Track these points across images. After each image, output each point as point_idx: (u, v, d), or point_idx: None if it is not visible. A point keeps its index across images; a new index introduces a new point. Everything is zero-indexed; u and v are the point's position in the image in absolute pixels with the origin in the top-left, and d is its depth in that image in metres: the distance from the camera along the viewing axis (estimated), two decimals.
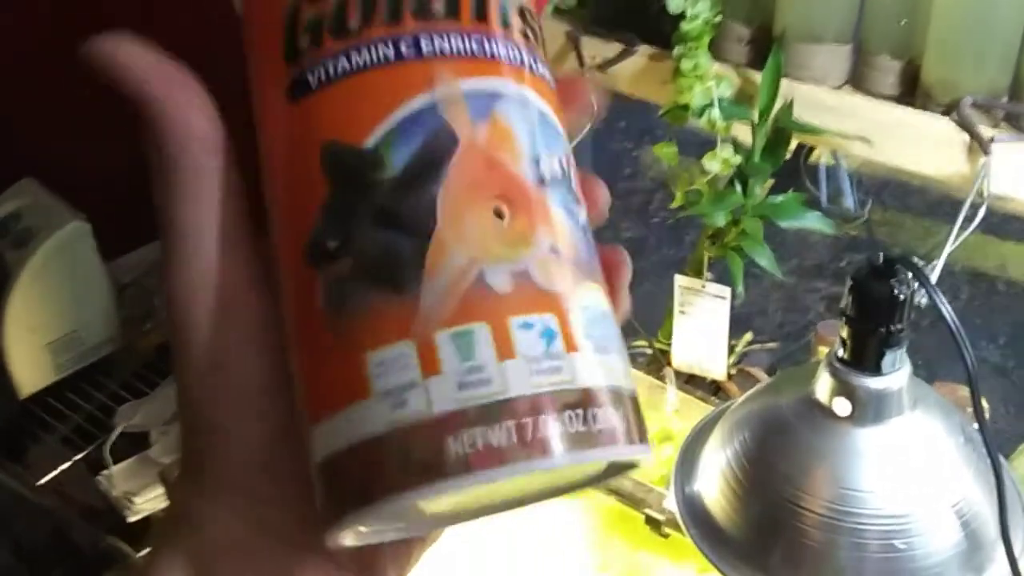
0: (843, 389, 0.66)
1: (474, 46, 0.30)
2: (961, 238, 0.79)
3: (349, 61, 0.29)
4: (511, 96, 0.30)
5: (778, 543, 0.66)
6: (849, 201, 1.77)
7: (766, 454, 0.68)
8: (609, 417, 0.28)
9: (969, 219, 0.79)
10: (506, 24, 0.31)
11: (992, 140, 0.80)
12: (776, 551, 0.66)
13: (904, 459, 0.66)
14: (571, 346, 0.28)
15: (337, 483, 0.28)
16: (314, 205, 0.29)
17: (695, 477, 0.73)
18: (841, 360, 0.66)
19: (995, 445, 0.65)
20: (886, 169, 0.88)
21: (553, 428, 0.27)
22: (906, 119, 0.85)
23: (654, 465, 0.96)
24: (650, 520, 0.92)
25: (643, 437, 0.29)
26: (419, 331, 0.27)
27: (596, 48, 0.98)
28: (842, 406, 0.66)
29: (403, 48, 0.29)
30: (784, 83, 0.89)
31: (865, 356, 0.65)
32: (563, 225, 0.29)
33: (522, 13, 0.32)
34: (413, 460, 0.27)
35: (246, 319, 0.31)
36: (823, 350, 1.02)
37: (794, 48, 0.90)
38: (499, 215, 0.28)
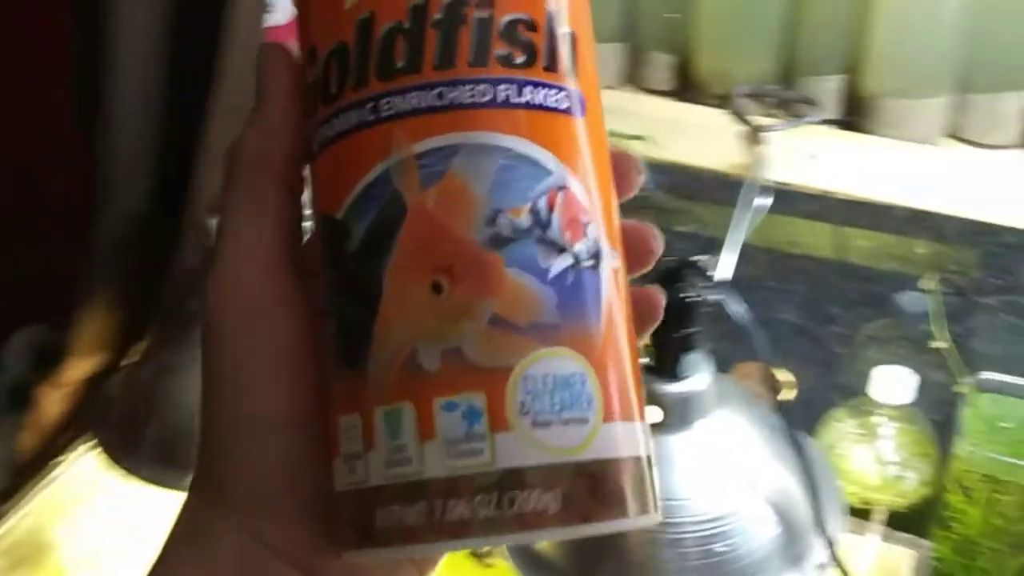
0: (651, 398, 0.66)
1: (433, 100, 0.28)
2: (744, 225, 0.80)
3: (331, 128, 0.30)
4: (472, 147, 0.28)
5: (603, 567, 0.65)
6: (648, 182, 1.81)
7: None
8: (531, 499, 0.27)
9: (746, 204, 0.80)
10: (479, 61, 0.29)
11: (764, 129, 0.82)
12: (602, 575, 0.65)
13: (714, 460, 0.66)
14: (499, 425, 0.27)
15: (332, 516, 0.30)
16: (321, 266, 0.31)
17: None
18: (647, 368, 0.66)
19: (796, 426, 0.66)
20: (668, 166, 0.89)
21: (463, 512, 0.27)
22: (684, 114, 0.87)
23: None
24: (474, 552, 0.90)
25: (588, 515, 0.28)
26: (364, 406, 0.28)
27: None
28: (653, 415, 0.66)
29: (366, 113, 0.29)
30: None
31: (666, 362, 0.65)
32: (518, 288, 0.28)
33: (513, 31, 0.29)
34: (355, 523, 0.29)
35: (276, 346, 0.31)
36: None
37: None
38: (438, 289, 0.28)
